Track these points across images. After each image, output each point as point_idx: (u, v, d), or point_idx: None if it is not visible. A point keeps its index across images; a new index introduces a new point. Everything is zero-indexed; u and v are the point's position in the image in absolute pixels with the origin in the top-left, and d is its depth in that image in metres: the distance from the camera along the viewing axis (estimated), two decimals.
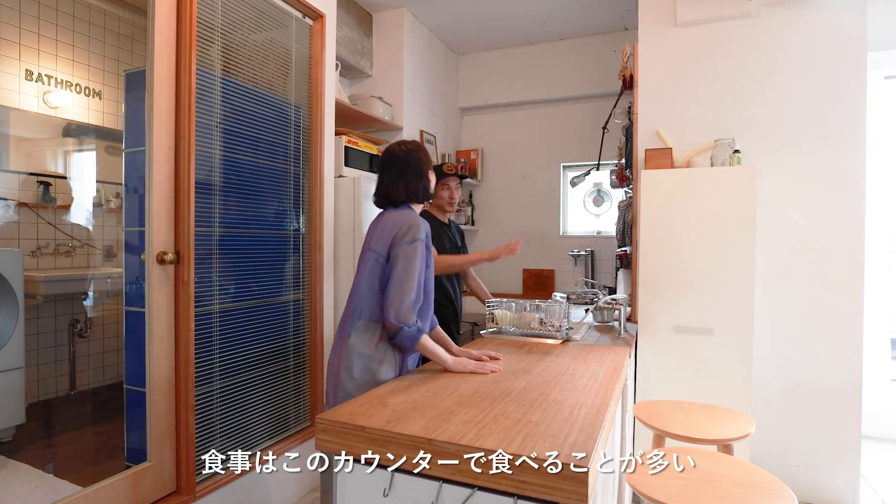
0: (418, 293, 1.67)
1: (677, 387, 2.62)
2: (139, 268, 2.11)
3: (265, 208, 2.57)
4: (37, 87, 3.21)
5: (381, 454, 1.20)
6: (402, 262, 1.65)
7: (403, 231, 1.69)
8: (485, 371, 1.70)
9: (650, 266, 2.71)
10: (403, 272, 1.64)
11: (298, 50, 2.78)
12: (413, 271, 1.65)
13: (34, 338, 3.19)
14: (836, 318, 2.72)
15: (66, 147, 3.48)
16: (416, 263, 1.66)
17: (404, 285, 1.63)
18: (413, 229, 1.69)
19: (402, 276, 1.64)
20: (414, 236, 1.68)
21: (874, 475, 3.02)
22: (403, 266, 1.65)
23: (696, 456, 1.49)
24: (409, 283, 1.64)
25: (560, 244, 4.75)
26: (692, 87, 2.95)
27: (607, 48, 4.42)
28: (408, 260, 1.65)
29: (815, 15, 2.75)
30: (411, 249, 1.66)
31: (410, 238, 1.67)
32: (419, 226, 1.71)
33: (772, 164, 2.81)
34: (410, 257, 1.66)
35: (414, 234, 1.68)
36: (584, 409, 1.36)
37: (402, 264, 1.65)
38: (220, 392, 2.30)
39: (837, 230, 2.72)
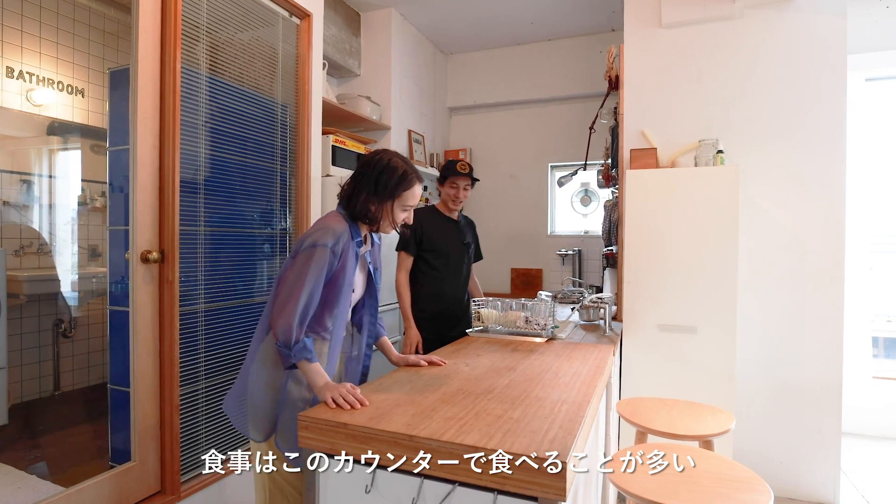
0: (307, 306, 1.47)
1: (662, 384, 2.65)
2: (124, 267, 2.10)
3: (251, 207, 2.57)
4: (20, 85, 3.17)
5: (362, 451, 1.21)
6: (295, 270, 1.48)
7: (309, 233, 1.52)
8: (344, 407, 1.34)
9: (635, 265, 2.74)
10: (293, 281, 1.47)
11: (285, 49, 2.77)
12: (304, 280, 1.45)
13: (17, 338, 3.16)
14: (817, 316, 2.76)
15: (49, 145, 3.45)
16: (309, 271, 1.46)
17: (289, 300, 1.45)
18: (318, 233, 1.50)
19: (292, 286, 1.46)
20: (315, 240, 1.48)
21: (855, 471, 3.07)
22: (295, 274, 1.47)
23: (676, 452, 1.51)
24: (293, 294, 1.45)
25: (548, 244, 4.78)
26: (677, 87, 2.99)
27: (594, 49, 4.45)
28: (300, 267, 1.47)
29: (796, 17, 2.79)
30: (304, 256, 1.47)
31: (311, 242, 1.49)
32: (327, 229, 1.51)
33: (754, 164, 2.85)
34: (305, 263, 1.47)
35: (316, 238, 1.49)
36: (565, 405, 1.37)
37: (294, 273, 1.48)
38: (206, 391, 2.30)
39: (818, 229, 2.76)
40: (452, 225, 2.70)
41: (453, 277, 2.67)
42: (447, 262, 2.63)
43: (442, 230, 2.64)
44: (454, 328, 2.62)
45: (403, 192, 1.60)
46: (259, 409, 1.55)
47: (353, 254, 1.58)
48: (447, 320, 2.63)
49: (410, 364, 1.80)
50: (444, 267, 2.62)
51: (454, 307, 2.67)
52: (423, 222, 2.59)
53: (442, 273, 2.62)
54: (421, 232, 2.57)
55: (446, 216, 2.69)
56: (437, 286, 2.62)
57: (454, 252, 2.66)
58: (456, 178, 2.61)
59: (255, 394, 1.55)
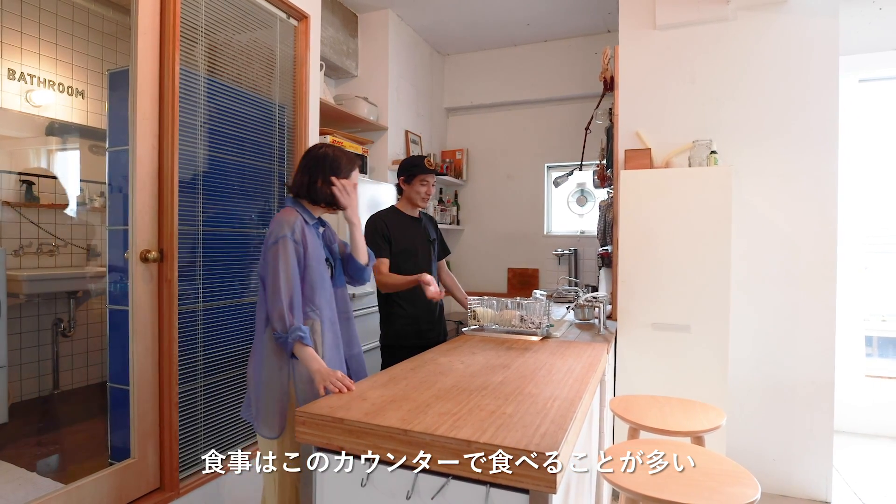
0: (292, 293, 1.63)
1: (655, 382, 2.68)
2: (123, 266, 2.12)
3: (250, 207, 2.59)
4: (19, 86, 3.20)
5: (358, 445, 1.23)
6: (269, 267, 1.64)
7: (269, 232, 1.68)
8: (333, 391, 1.51)
9: (629, 264, 2.77)
10: (272, 277, 1.63)
11: (283, 50, 2.80)
12: (279, 272, 1.62)
13: (17, 337, 3.18)
14: (810, 315, 2.79)
15: (49, 146, 3.47)
16: (280, 264, 1.62)
17: (274, 293, 1.61)
18: (276, 228, 1.67)
19: (272, 282, 1.63)
20: (276, 236, 1.65)
21: (847, 468, 3.10)
22: (271, 271, 1.63)
23: (668, 447, 1.54)
24: (275, 287, 1.61)
25: (544, 243, 4.81)
26: (671, 88, 3.02)
27: (590, 50, 4.48)
28: (272, 262, 1.63)
29: (789, 19, 2.82)
30: (272, 253, 1.64)
31: (273, 239, 1.65)
32: (282, 222, 1.67)
33: (748, 164, 2.88)
34: (273, 258, 1.63)
35: (276, 233, 1.66)
36: (557, 401, 1.40)
37: (269, 270, 1.64)
38: (204, 389, 2.32)
39: (811, 229, 2.79)
40: (416, 223, 2.63)
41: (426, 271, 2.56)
42: (416, 262, 2.55)
43: (407, 230, 2.57)
44: (432, 328, 2.59)
45: (352, 172, 1.83)
46: (268, 406, 1.67)
47: (315, 234, 1.77)
48: (426, 321, 2.57)
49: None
50: (413, 267, 2.51)
51: (431, 305, 2.57)
52: (388, 224, 2.52)
53: (412, 273, 2.47)
54: (388, 232, 2.50)
55: (409, 216, 2.62)
56: (415, 288, 2.47)
57: (421, 250, 2.59)
58: (426, 175, 2.56)
59: (263, 393, 1.68)
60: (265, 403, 1.67)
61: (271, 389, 1.67)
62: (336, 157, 1.80)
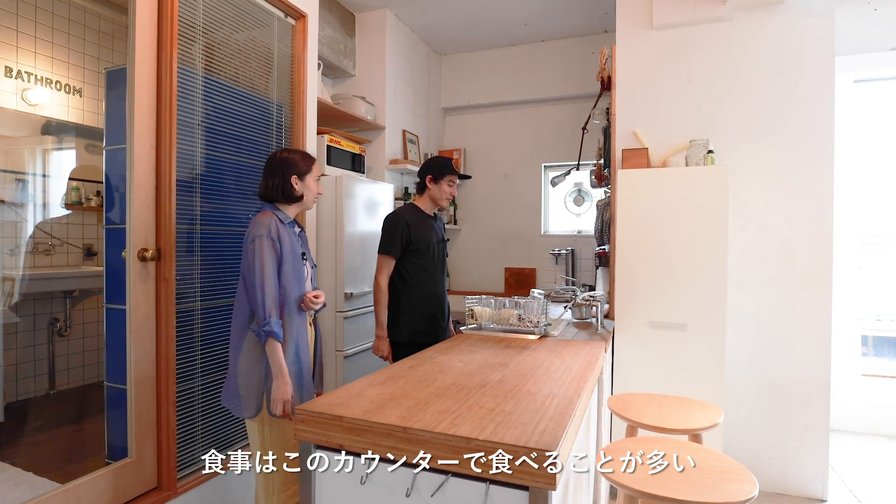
0: (271, 287, 1.75)
1: (652, 381, 2.69)
2: (120, 265, 2.12)
3: (247, 206, 2.59)
4: (15, 84, 3.18)
5: (357, 443, 1.23)
6: (248, 268, 1.77)
7: (247, 234, 1.80)
8: (276, 412, 1.75)
9: (626, 263, 2.77)
10: (250, 273, 1.76)
11: (280, 49, 2.80)
12: (255, 269, 1.74)
13: (13, 337, 3.17)
14: (806, 315, 2.81)
15: (45, 145, 3.46)
16: (256, 260, 1.75)
17: (255, 290, 1.74)
18: (253, 230, 1.79)
19: (250, 278, 1.76)
20: (253, 236, 1.77)
21: (843, 466, 3.12)
22: (249, 267, 1.76)
23: (666, 445, 1.54)
24: (252, 283, 1.74)
25: (541, 243, 4.82)
26: (668, 88, 3.03)
27: (587, 50, 4.49)
28: (251, 261, 1.76)
29: (785, 19, 2.83)
30: (250, 252, 1.76)
31: (251, 239, 1.78)
32: (258, 224, 1.79)
33: (744, 163, 2.89)
34: (251, 255, 1.76)
35: (253, 233, 1.78)
36: (556, 399, 1.40)
37: (248, 266, 1.77)
38: (202, 388, 2.32)
39: (807, 228, 2.81)
40: (433, 222, 2.65)
41: (439, 275, 2.64)
42: (433, 260, 2.58)
43: (426, 228, 2.58)
44: (446, 327, 2.66)
45: (313, 165, 1.96)
46: (248, 388, 1.80)
47: (291, 232, 1.89)
48: (442, 318, 2.63)
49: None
50: (430, 265, 2.56)
51: (444, 304, 2.67)
52: (409, 222, 2.52)
53: (430, 272, 2.56)
54: (409, 232, 2.51)
55: (427, 214, 2.63)
56: (431, 285, 2.57)
57: (437, 249, 2.62)
58: (454, 177, 2.59)
59: (243, 376, 1.81)
60: (245, 389, 1.80)
61: (251, 377, 1.80)
62: (296, 158, 1.94)
